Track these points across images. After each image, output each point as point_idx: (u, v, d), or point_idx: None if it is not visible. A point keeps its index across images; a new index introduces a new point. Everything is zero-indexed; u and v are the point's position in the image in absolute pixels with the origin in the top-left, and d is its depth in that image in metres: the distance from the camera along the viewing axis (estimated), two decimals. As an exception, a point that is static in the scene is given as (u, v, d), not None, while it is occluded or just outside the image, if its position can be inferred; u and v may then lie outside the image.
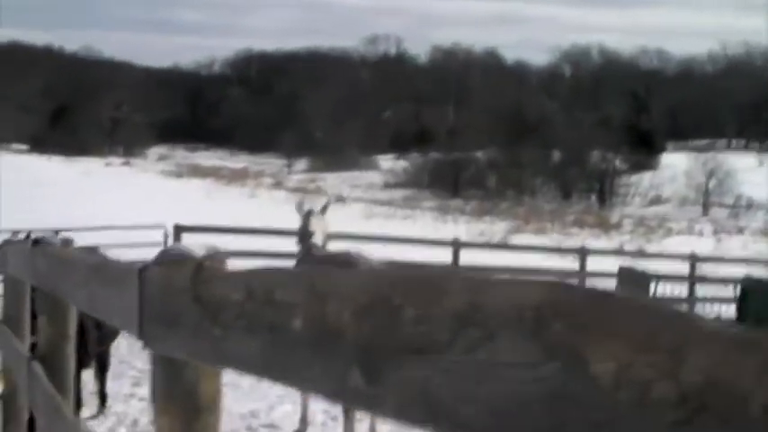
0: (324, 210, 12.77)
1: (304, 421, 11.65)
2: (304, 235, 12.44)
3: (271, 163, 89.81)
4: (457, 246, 21.97)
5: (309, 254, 12.15)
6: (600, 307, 0.91)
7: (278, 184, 72.76)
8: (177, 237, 19.84)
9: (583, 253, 22.89)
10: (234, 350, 1.97)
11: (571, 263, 22.85)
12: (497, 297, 1.04)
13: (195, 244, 2.54)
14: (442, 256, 21.88)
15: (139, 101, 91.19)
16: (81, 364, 10.14)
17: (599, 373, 0.88)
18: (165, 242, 19.71)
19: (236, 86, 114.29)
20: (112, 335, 11.21)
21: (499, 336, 1.01)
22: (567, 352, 0.90)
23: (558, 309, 0.94)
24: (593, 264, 21.86)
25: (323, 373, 1.46)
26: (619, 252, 25.12)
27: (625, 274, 15.68)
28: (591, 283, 20.81)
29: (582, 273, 22.04)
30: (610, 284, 20.40)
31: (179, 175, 73.38)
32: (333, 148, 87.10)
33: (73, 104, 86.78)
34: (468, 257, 21.99)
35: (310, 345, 1.50)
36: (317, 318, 1.49)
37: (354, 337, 1.35)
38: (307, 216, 12.68)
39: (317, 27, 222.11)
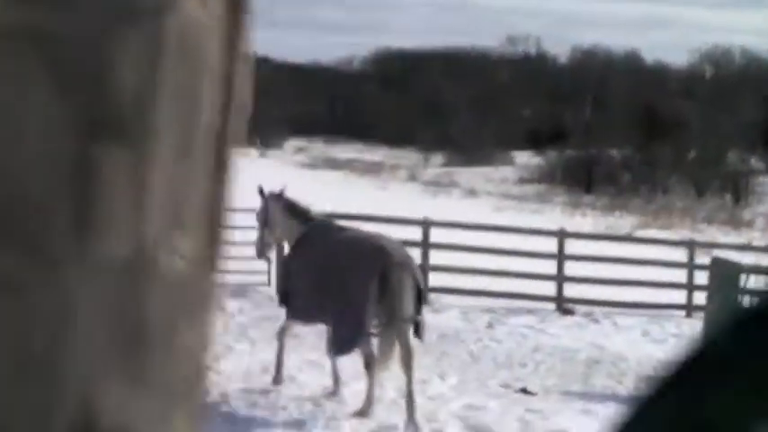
0: (282, 192, 12.48)
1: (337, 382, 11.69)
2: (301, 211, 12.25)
3: (407, 157, 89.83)
4: (563, 236, 21.58)
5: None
6: None
7: (412, 178, 72.77)
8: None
9: (691, 246, 22.30)
10: None
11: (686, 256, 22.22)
12: None
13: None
14: (548, 245, 21.52)
15: (277, 94, 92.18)
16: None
17: None
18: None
19: (374, 82, 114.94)
20: None
21: None
22: None
23: None
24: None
25: None
26: (745, 247, 24.30)
27: (717, 265, 15.13)
28: (697, 275, 20.26)
29: (690, 264, 21.48)
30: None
31: (314, 166, 73.95)
32: (469, 143, 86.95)
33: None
34: (575, 248, 21.61)
35: None
36: None
37: None
38: (267, 198, 12.59)
39: (456, 27, 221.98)
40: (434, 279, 20.41)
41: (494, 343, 16.14)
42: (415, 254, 20.44)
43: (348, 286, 10.62)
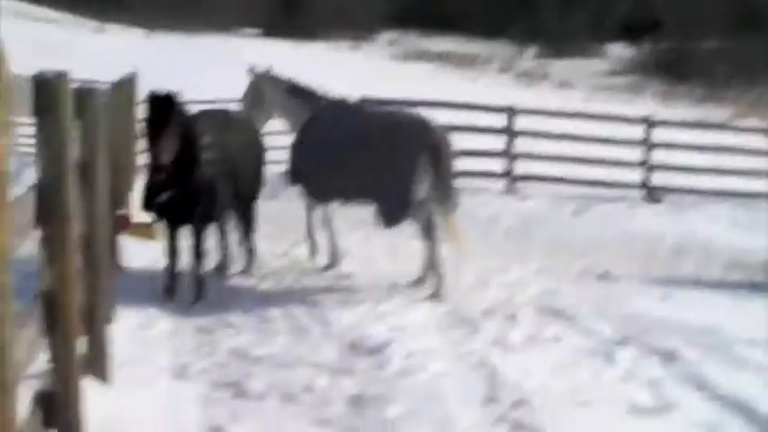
0: (269, 72, 12.13)
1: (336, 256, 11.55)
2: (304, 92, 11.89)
3: (502, 49, 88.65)
4: (651, 123, 21.04)
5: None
6: None
7: (504, 70, 71.94)
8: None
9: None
10: None
11: None
12: None
13: None
14: (634, 133, 21.04)
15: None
16: (206, 219, 10.10)
17: None
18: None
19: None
20: (250, 196, 11.13)
21: None
22: None
23: None
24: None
25: None
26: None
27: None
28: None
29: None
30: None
31: (406, 59, 73.36)
32: (563, 35, 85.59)
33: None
34: (665, 136, 21.12)
35: None
36: None
37: None
38: (258, 77, 12.13)
39: None
40: (520, 167, 20.10)
41: (579, 230, 15.83)
42: (500, 141, 20.15)
43: (392, 161, 10.59)
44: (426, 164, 10.62)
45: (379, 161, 10.67)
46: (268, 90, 11.98)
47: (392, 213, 10.75)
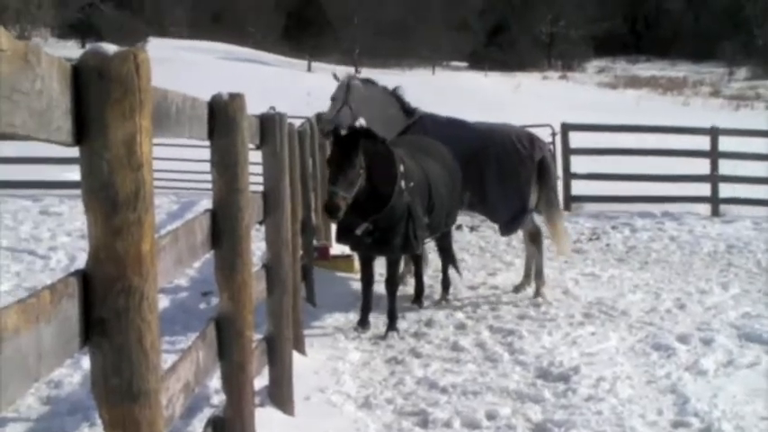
0: (366, 81, 12.23)
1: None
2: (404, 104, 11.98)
3: (711, 72, 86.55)
4: None
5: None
6: None
7: (715, 93, 70.14)
8: (564, 134, 19.47)
9: None
10: None
11: None
12: None
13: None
14: None
15: (577, 15, 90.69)
16: (403, 249, 10.03)
17: None
18: (553, 140, 19.35)
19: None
20: (446, 224, 11.08)
21: None
22: None
23: None
24: None
25: None
26: None
27: None
28: None
29: None
30: None
31: (614, 86, 72.43)
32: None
33: (509, 22, 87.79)
34: None
35: None
36: None
37: None
38: (351, 79, 12.21)
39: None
40: (724, 189, 19.49)
41: (787, 254, 15.19)
42: (704, 164, 19.59)
43: (511, 172, 11.33)
44: (536, 175, 11.43)
45: (496, 173, 11.31)
46: (366, 93, 12.03)
47: (510, 221, 11.50)
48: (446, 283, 11.50)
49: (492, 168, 11.32)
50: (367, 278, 10.16)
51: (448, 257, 11.50)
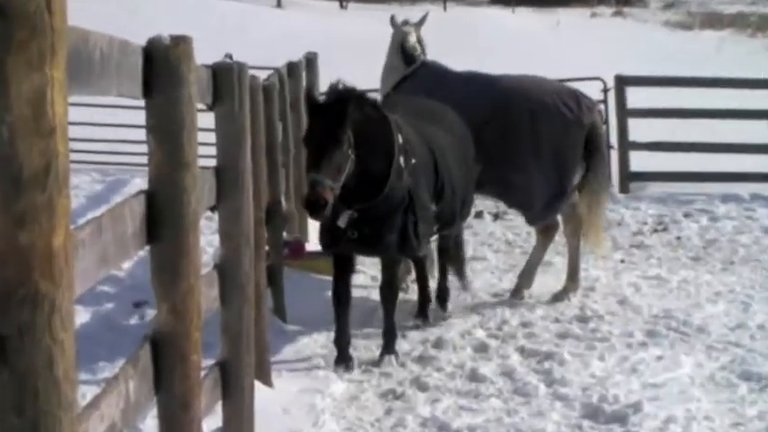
0: (421, 22, 12.40)
1: None
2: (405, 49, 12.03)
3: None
4: None
5: None
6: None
7: (822, 35, 70.16)
8: (619, 90, 19.50)
9: None
10: None
11: None
12: None
13: None
14: None
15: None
16: (402, 247, 9.96)
17: None
18: (605, 98, 19.36)
19: None
20: (458, 216, 11.05)
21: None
22: None
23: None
24: None
25: None
26: None
27: None
28: None
29: None
30: None
31: (688, 26, 72.39)
32: None
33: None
34: None
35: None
36: None
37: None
38: (401, 29, 12.39)
39: None
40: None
41: None
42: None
43: (542, 143, 11.19)
44: (582, 146, 11.29)
45: (530, 143, 11.19)
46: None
47: (546, 207, 11.36)
48: (444, 295, 11.46)
49: (523, 137, 11.20)
50: (340, 293, 9.84)
51: (450, 258, 11.45)
